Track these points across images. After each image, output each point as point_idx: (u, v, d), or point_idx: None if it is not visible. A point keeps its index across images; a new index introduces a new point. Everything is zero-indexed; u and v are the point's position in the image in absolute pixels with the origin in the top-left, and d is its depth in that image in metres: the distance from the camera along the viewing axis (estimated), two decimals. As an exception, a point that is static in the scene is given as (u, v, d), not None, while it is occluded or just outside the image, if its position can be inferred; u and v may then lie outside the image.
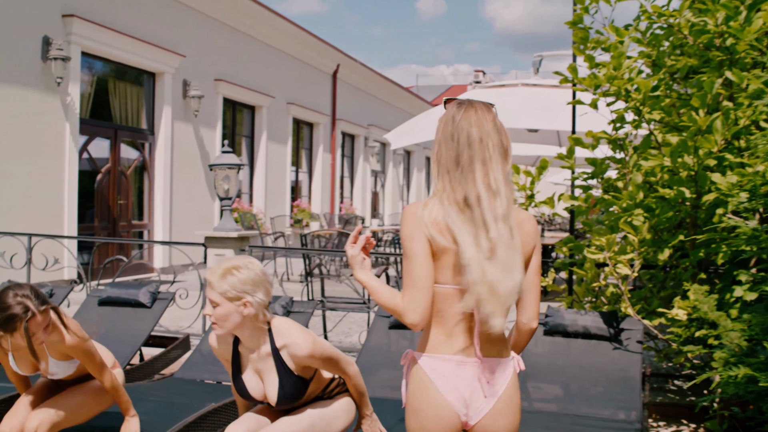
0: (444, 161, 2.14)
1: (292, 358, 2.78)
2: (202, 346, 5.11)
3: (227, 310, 2.67)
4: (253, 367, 2.85)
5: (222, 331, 2.72)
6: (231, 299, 2.66)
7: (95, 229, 11.14)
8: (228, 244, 6.16)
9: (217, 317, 2.68)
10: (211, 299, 2.68)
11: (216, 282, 2.66)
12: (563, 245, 5.00)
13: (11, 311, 2.80)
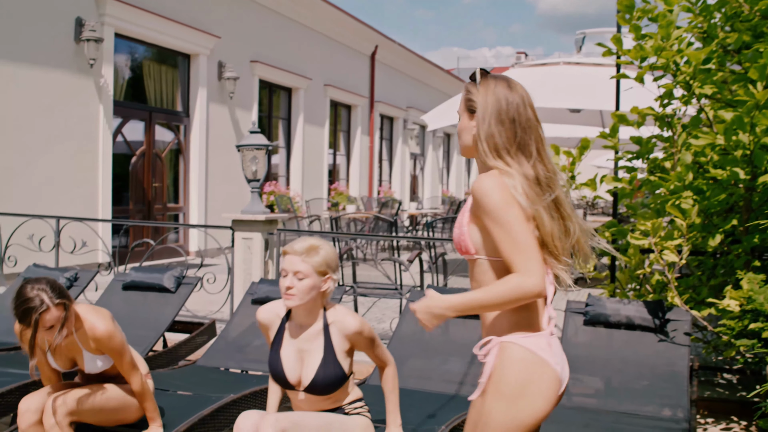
0: (503, 141, 2.09)
1: (341, 333, 2.83)
2: (226, 332, 4.94)
3: (313, 282, 2.75)
4: (297, 345, 2.87)
5: (297, 303, 2.76)
6: (320, 273, 2.77)
7: (130, 212, 11.08)
8: (256, 227, 5.98)
9: (301, 289, 2.74)
10: (298, 270, 2.74)
11: (308, 253, 2.76)
12: (606, 230, 4.70)
13: (27, 305, 2.86)
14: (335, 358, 2.82)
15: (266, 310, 2.99)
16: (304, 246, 2.77)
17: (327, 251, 2.81)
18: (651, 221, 4.06)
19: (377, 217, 9.71)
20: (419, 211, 16.57)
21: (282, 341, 2.90)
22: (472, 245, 2.10)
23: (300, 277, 2.74)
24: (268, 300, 4.99)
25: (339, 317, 2.86)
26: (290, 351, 2.87)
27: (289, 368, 2.85)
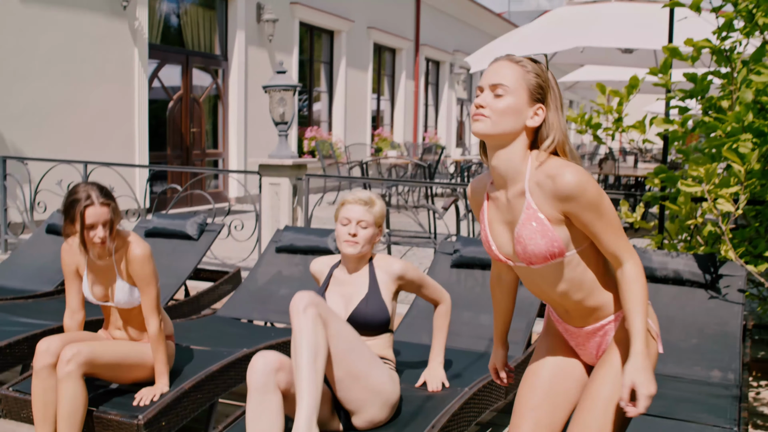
0: (564, 128, 1.98)
1: (386, 275, 2.92)
2: (249, 282, 4.73)
3: (373, 233, 2.90)
4: (343, 290, 2.94)
5: (357, 250, 2.87)
6: (377, 224, 2.91)
7: (168, 157, 10.95)
8: (283, 172, 5.72)
9: (364, 237, 2.87)
10: (362, 220, 2.86)
11: (372, 205, 2.88)
12: (654, 176, 4.32)
13: (74, 196, 2.95)
14: (379, 296, 2.88)
15: (320, 262, 3.11)
16: (364, 197, 2.89)
17: (382, 204, 2.96)
18: (704, 167, 3.68)
19: (417, 165, 9.39)
20: (464, 158, 16.14)
21: (328, 286, 2.99)
22: (564, 246, 1.95)
23: (363, 225, 2.86)
24: (292, 248, 4.77)
25: (384, 261, 2.96)
26: (336, 294, 2.94)
27: (333, 307, 2.88)
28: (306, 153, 13.79)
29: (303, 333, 2.44)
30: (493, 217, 2.07)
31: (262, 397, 2.47)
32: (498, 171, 1.99)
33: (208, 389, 3.23)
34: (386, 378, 2.70)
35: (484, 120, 1.91)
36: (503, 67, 1.94)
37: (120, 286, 3.09)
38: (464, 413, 2.93)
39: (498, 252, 2.07)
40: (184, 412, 3.08)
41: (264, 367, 2.49)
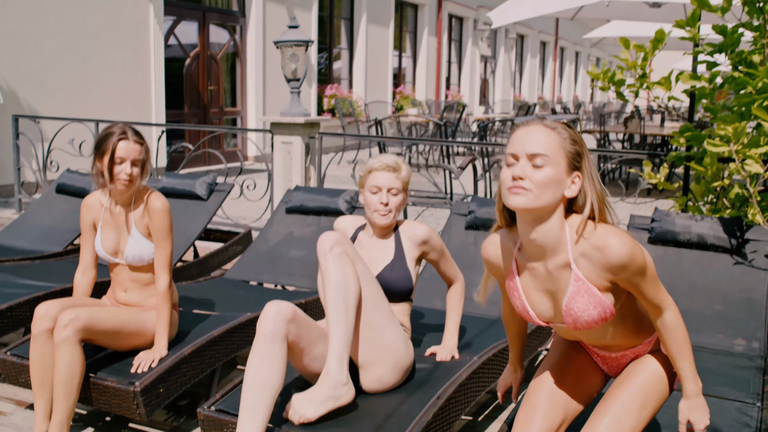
0: (600, 191, 1.90)
1: (411, 241, 2.86)
2: (259, 243, 4.62)
3: (403, 199, 2.83)
4: (368, 254, 2.86)
5: (391, 218, 2.82)
6: (406, 189, 2.84)
7: (185, 116, 10.83)
8: (295, 130, 5.57)
9: (395, 204, 2.81)
10: (392, 187, 2.79)
11: (398, 169, 2.79)
12: (680, 135, 4.12)
13: (108, 131, 2.93)
14: (404, 263, 2.83)
15: (345, 221, 3.03)
16: (392, 162, 2.79)
17: (407, 167, 2.86)
18: (733, 125, 3.48)
19: (437, 124, 9.18)
20: (486, 116, 15.86)
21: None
22: (613, 309, 1.90)
23: (394, 193, 2.79)
24: (303, 209, 4.65)
25: (409, 227, 2.90)
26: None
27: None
28: (326, 111, 13.61)
29: (331, 271, 2.44)
30: (528, 285, 1.98)
31: (269, 343, 2.39)
32: (536, 244, 1.89)
33: (210, 355, 3.13)
34: (401, 339, 2.65)
35: (525, 193, 1.78)
36: (539, 134, 1.81)
37: (133, 241, 3.02)
38: (472, 383, 2.81)
39: (538, 319, 2.01)
40: (184, 379, 2.99)
41: (276, 315, 2.41)
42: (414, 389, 2.69)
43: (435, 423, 2.48)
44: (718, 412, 2.45)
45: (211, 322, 3.38)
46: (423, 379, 2.78)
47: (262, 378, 2.36)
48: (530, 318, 2.00)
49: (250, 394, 2.35)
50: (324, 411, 2.37)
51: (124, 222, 3.05)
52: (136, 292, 3.12)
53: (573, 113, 16.86)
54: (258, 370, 2.37)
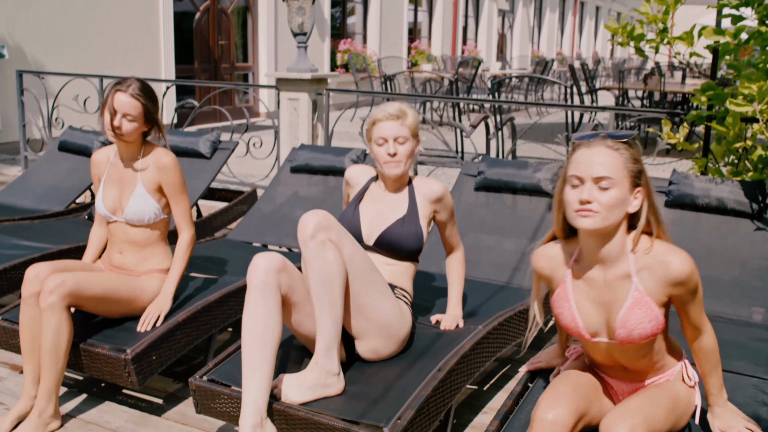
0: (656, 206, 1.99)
1: (425, 198, 2.74)
2: (262, 203, 4.50)
3: (412, 146, 2.70)
4: (379, 207, 2.76)
5: (402, 169, 2.68)
6: (414, 135, 2.69)
7: (195, 71, 10.66)
8: (302, 86, 5.41)
9: (404, 153, 2.67)
10: (398, 136, 2.65)
11: (404, 117, 2.65)
12: (701, 93, 3.93)
13: (117, 81, 2.86)
14: (417, 220, 2.71)
15: (357, 170, 2.90)
16: (395, 110, 2.66)
17: (414, 113, 2.70)
18: (758, 84, 3.29)
19: (451, 81, 8.96)
20: (503, 72, 15.55)
21: (363, 198, 2.81)
22: (663, 325, 1.96)
23: (401, 141, 2.66)
24: (308, 168, 4.51)
25: (424, 182, 2.78)
26: (370, 209, 2.76)
27: (366, 223, 2.73)
28: (339, 67, 13.38)
29: (312, 262, 2.33)
30: (581, 296, 2.00)
31: (262, 295, 2.31)
32: (599, 256, 1.94)
33: (205, 321, 3.03)
34: (395, 312, 2.54)
35: (594, 215, 1.85)
36: (603, 156, 1.86)
37: (137, 197, 2.92)
38: (476, 354, 2.69)
39: (585, 331, 2.01)
40: (178, 345, 2.89)
41: (267, 265, 2.33)
42: (414, 360, 2.57)
43: (435, 397, 2.37)
44: (734, 389, 2.32)
45: (208, 286, 3.28)
46: (424, 348, 2.66)
47: (259, 330, 2.28)
48: (576, 329, 2.01)
49: (250, 349, 2.28)
50: (310, 398, 2.30)
51: (130, 178, 2.96)
52: (131, 254, 3.00)
53: (593, 69, 16.43)
54: (254, 324, 2.30)
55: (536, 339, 3.62)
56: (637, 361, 2.02)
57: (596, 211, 1.84)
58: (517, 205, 3.92)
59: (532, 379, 2.46)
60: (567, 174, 1.90)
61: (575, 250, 2.02)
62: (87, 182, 5.05)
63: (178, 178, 2.96)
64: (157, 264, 3.04)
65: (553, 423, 1.85)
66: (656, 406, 1.90)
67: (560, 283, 2.04)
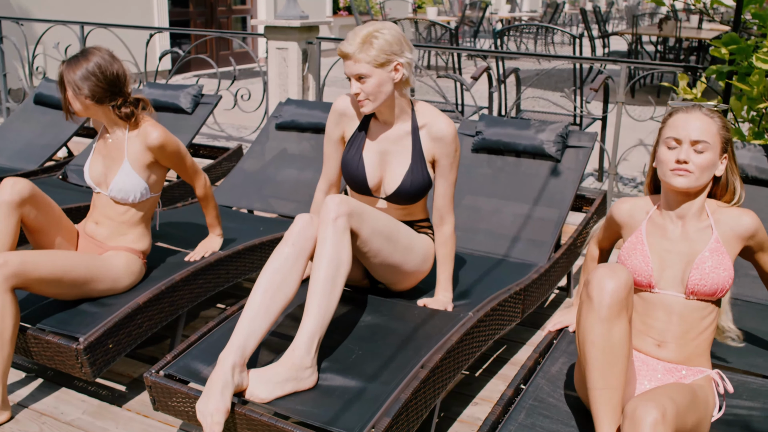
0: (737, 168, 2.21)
1: (430, 137, 2.52)
2: (245, 163, 4.19)
3: (380, 79, 2.38)
4: (381, 147, 2.57)
5: (371, 107, 2.44)
6: (382, 65, 2.37)
7: (190, 14, 10.24)
8: (291, 35, 5.05)
9: (369, 91, 2.40)
10: (358, 73, 2.38)
11: (359, 50, 2.34)
12: (722, 46, 3.57)
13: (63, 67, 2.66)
14: (423, 165, 2.54)
15: (347, 103, 2.62)
16: (356, 42, 2.35)
17: (384, 36, 2.35)
18: (787, 36, 2.94)
19: (434, 23, 8.52)
20: (512, 15, 14.98)
21: (363, 141, 2.59)
22: (731, 283, 2.06)
23: (362, 79, 2.39)
24: (294, 124, 4.20)
25: (430, 119, 2.53)
26: (373, 152, 2.58)
27: (371, 171, 2.57)
28: (341, 10, 12.90)
29: (327, 246, 2.24)
30: (655, 242, 2.11)
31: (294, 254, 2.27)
32: (681, 211, 2.09)
33: (170, 302, 2.76)
34: (423, 253, 2.61)
35: (688, 176, 2.01)
36: (701, 122, 2.02)
37: (123, 174, 2.73)
38: (465, 346, 2.41)
39: (654, 278, 2.07)
40: (139, 331, 2.63)
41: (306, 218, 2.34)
42: (397, 351, 2.30)
43: (415, 400, 2.10)
44: None
45: (177, 261, 3.00)
46: (408, 337, 2.39)
47: (277, 283, 2.23)
48: (646, 273, 2.06)
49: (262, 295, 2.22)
50: (280, 393, 2.09)
51: (116, 153, 2.77)
52: (106, 227, 2.80)
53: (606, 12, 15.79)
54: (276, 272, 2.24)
55: (534, 315, 3.37)
56: (687, 332, 2.04)
57: (691, 171, 2.00)
58: (518, 169, 3.61)
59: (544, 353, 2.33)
60: (663, 136, 2.06)
61: (657, 203, 2.16)
62: (63, 138, 4.76)
63: (174, 150, 2.78)
64: (129, 242, 2.81)
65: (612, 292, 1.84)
66: (685, 399, 1.82)
67: (635, 230, 2.16)
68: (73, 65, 2.61)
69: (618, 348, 1.82)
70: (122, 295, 2.70)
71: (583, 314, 1.86)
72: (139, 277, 2.81)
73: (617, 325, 1.82)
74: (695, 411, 1.85)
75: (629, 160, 5.92)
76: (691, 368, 2.04)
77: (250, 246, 3.16)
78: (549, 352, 2.34)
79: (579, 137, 3.60)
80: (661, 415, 1.64)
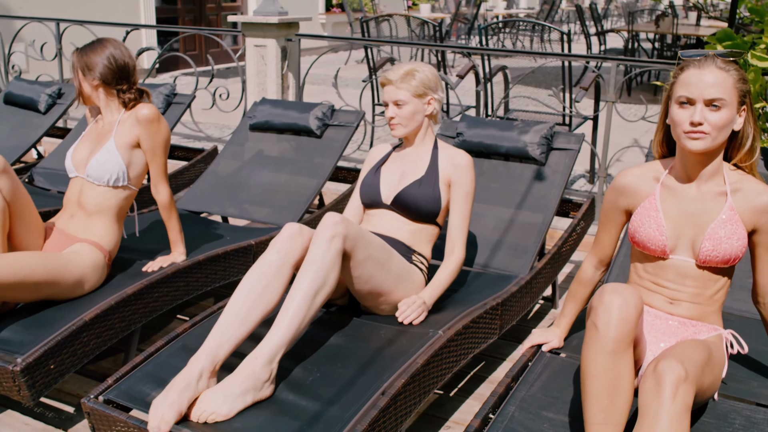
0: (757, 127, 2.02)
1: (449, 161, 2.66)
2: (215, 167, 4.00)
3: (415, 107, 2.62)
4: (402, 167, 2.72)
5: (402, 132, 2.65)
6: (419, 96, 2.62)
7: (179, 12, 10.06)
8: (269, 31, 4.85)
9: (404, 116, 2.63)
10: (397, 99, 2.61)
11: (401, 80, 2.60)
12: (717, 42, 3.39)
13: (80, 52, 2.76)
14: (436, 181, 2.64)
15: (377, 149, 2.87)
16: (399, 73, 2.62)
17: (424, 72, 2.63)
18: (784, 31, 2.75)
19: (424, 22, 8.32)
20: (508, 11, 14.77)
21: (385, 162, 2.78)
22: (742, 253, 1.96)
23: (400, 104, 2.62)
24: (268, 125, 4.02)
25: (450, 149, 2.71)
26: (392, 170, 2.73)
27: (385, 183, 2.70)
28: (334, 7, 12.71)
29: (317, 263, 2.16)
30: (669, 207, 2.01)
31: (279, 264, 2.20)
32: (696, 173, 1.97)
33: (121, 317, 2.57)
34: (410, 286, 2.52)
35: (704, 137, 1.86)
36: (714, 77, 1.85)
37: (105, 151, 2.72)
38: (432, 368, 2.22)
39: (669, 246, 1.99)
40: (85, 349, 2.44)
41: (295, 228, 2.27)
42: (355, 377, 2.12)
43: (374, 430, 1.91)
44: None
45: (132, 273, 2.81)
46: (370, 359, 2.20)
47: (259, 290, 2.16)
48: (659, 241, 1.99)
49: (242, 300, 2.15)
50: (241, 407, 1.98)
51: (105, 134, 2.80)
52: (79, 220, 2.74)
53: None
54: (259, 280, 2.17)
55: (515, 329, 3.18)
56: (700, 294, 2.00)
57: (707, 132, 1.85)
58: (500, 173, 3.42)
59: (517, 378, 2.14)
60: (675, 93, 1.89)
61: (668, 166, 2.05)
62: (32, 139, 4.58)
63: (158, 132, 2.78)
64: (97, 237, 2.71)
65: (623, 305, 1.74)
66: (703, 358, 1.79)
67: (647, 197, 2.05)
68: (87, 50, 2.72)
69: (623, 382, 1.71)
70: (68, 310, 2.51)
71: (587, 344, 1.75)
72: (101, 279, 2.69)
73: (624, 358, 1.72)
74: (711, 371, 1.83)
75: (623, 161, 5.74)
76: (705, 324, 2.01)
77: (213, 256, 2.98)
78: (522, 375, 2.15)
79: (565, 139, 3.41)
80: (684, 372, 1.61)
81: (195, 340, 2.28)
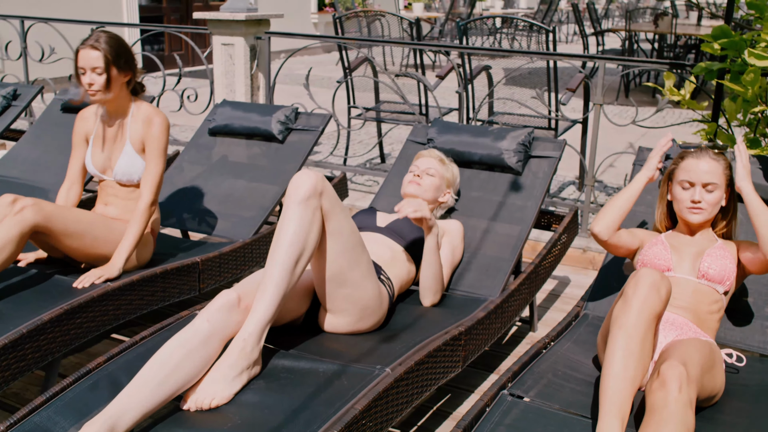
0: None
1: (444, 229, 2.76)
2: (171, 175, 3.70)
3: (440, 183, 2.84)
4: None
5: (419, 192, 2.80)
6: (449, 184, 2.89)
7: (164, 10, 9.77)
8: (236, 29, 4.55)
9: (429, 184, 2.81)
10: (433, 169, 2.83)
11: (443, 163, 2.88)
12: (713, 40, 3.09)
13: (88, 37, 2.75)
14: (420, 235, 2.63)
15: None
16: (440, 154, 2.92)
17: (454, 169, 2.94)
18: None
19: (406, 20, 8.00)
20: (506, 11, 14.44)
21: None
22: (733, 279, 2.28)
23: (431, 173, 2.81)
24: (227, 129, 3.73)
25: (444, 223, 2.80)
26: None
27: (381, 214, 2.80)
28: (327, 6, 12.42)
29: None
30: (672, 242, 2.38)
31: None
32: (692, 232, 2.40)
33: (35, 347, 2.27)
34: (374, 294, 2.29)
35: (702, 212, 2.32)
36: (709, 165, 2.31)
37: (126, 157, 2.82)
38: (375, 413, 1.91)
39: (673, 263, 2.31)
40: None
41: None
42: (279, 427, 1.81)
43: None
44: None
45: (59, 294, 2.51)
46: (300, 406, 1.89)
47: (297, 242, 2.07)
48: (665, 258, 2.31)
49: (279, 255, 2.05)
50: (239, 387, 1.95)
51: (119, 136, 2.86)
52: (115, 206, 2.88)
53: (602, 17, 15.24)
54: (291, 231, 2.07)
55: (486, 355, 2.88)
56: (699, 304, 2.21)
57: (704, 208, 2.31)
58: (472, 183, 3.12)
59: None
60: (677, 177, 2.35)
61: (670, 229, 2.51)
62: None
63: (161, 138, 2.82)
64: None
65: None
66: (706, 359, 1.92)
67: (655, 237, 2.44)
68: (93, 36, 2.71)
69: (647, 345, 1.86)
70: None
71: (618, 303, 1.94)
72: (151, 251, 2.87)
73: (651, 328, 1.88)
74: (712, 378, 1.94)
75: (616, 167, 5.43)
76: (705, 333, 2.19)
77: (149, 276, 2.68)
78: (478, 423, 1.85)
79: (545, 145, 3.12)
80: (686, 373, 1.71)
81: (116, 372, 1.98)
